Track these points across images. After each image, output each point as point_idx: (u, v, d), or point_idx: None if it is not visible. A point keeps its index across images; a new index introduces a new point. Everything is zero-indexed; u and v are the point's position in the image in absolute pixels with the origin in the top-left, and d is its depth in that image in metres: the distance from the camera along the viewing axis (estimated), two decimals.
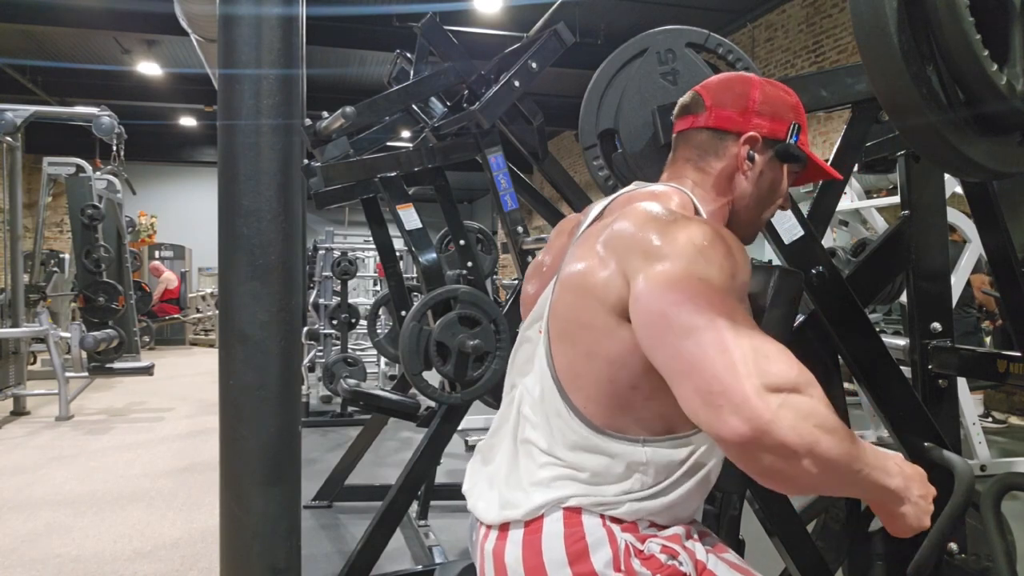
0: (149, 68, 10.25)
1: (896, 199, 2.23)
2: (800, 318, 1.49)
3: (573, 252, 1.05)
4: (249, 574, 1.47)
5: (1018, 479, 1.40)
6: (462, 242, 2.80)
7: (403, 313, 3.05)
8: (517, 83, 2.37)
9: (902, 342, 1.72)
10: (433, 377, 2.44)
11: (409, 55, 3.03)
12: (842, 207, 4.54)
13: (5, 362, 5.73)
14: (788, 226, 1.44)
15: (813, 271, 1.44)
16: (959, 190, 1.78)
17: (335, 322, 5.99)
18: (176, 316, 10.87)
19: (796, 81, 1.36)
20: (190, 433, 5.21)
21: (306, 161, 2.53)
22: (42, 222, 7.30)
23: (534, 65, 2.38)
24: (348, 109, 2.43)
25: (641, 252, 0.91)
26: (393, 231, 3.03)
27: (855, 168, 1.98)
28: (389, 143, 3.27)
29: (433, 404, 2.55)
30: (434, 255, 2.60)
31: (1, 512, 3.46)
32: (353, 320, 6.03)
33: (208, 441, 4.89)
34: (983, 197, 1.55)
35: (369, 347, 6.45)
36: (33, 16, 8.17)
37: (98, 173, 6.44)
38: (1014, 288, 1.53)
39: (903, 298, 3.12)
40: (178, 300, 10.89)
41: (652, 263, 0.89)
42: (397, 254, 3.50)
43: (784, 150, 1.09)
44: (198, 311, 12.01)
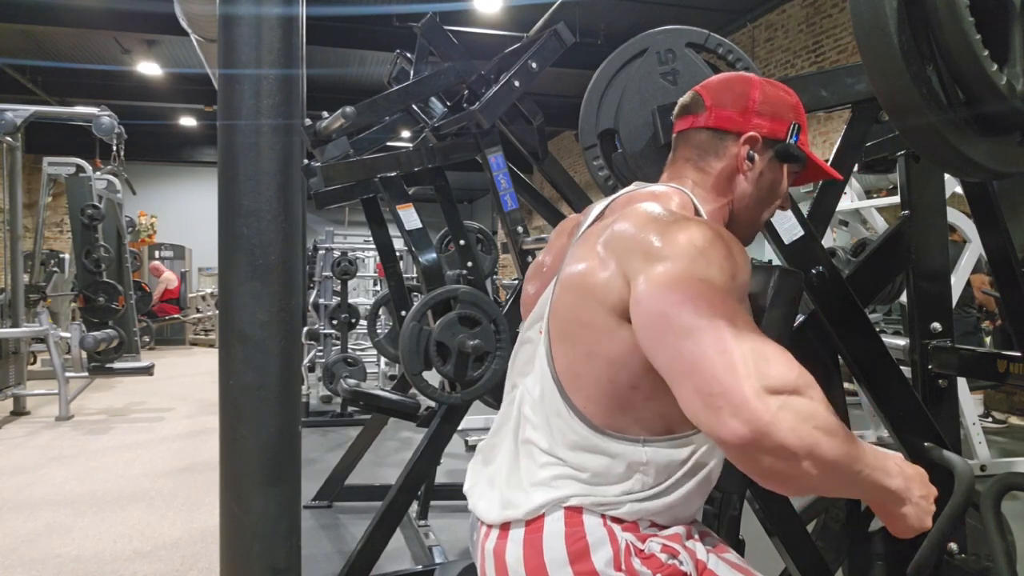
0: (149, 68, 10.26)
1: (896, 199, 2.23)
2: (800, 318, 1.49)
3: (573, 252, 1.05)
4: (249, 574, 1.47)
5: (1018, 479, 1.40)
6: (462, 242, 2.80)
7: (403, 313, 3.05)
8: (517, 83, 2.37)
9: (902, 342, 1.72)
10: (433, 377, 2.44)
11: (409, 55, 3.03)
12: (842, 207, 4.54)
13: (5, 362, 5.73)
14: (788, 226, 1.44)
15: (813, 271, 1.44)
16: (959, 190, 1.78)
17: (335, 322, 5.99)
18: (176, 316, 10.88)
19: (796, 81, 1.36)
20: (190, 433, 5.21)
21: (306, 161, 2.53)
22: (42, 222, 7.30)
23: (534, 65, 2.38)
24: (348, 109, 2.43)
25: (642, 253, 0.91)
26: (393, 231, 3.03)
27: (855, 168, 1.98)
28: (389, 143, 3.27)
29: (433, 404, 2.55)
30: (434, 255, 2.60)
31: (1, 512, 3.46)
32: (353, 320, 6.03)
33: (208, 441, 4.89)
34: (983, 197, 1.55)
35: (369, 347, 6.45)
36: (33, 16, 8.17)
37: (98, 173, 6.44)
38: (1014, 288, 1.53)
39: (903, 298, 3.12)
40: (178, 300, 10.89)
41: (653, 264, 0.89)
42: (397, 254, 3.50)
43: (784, 150, 1.09)
44: (198, 311, 12.01)
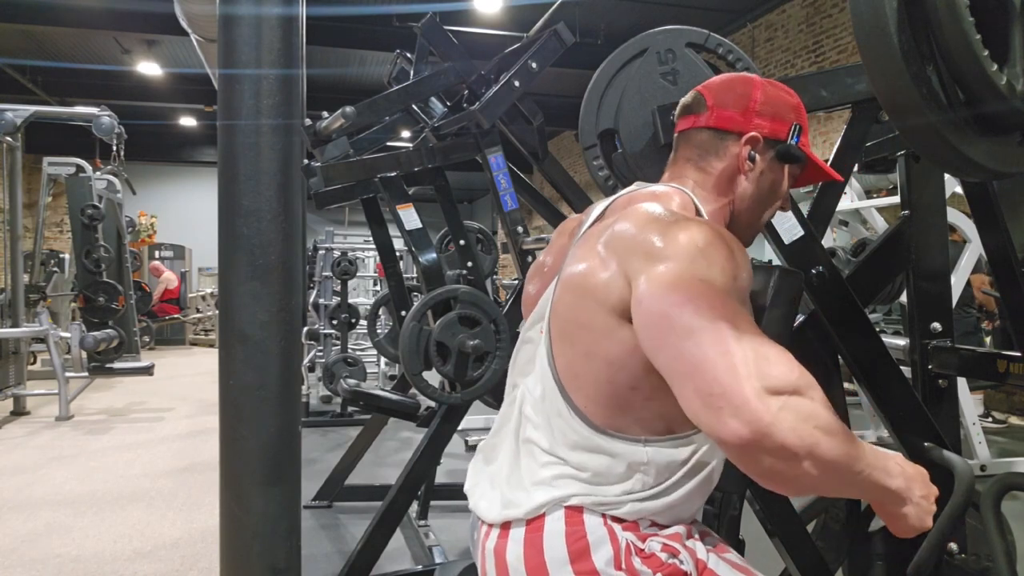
0: (149, 68, 10.25)
1: (896, 199, 2.23)
2: (800, 318, 1.49)
3: (574, 253, 1.05)
4: (249, 574, 1.47)
5: (1018, 479, 1.40)
6: (462, 242, 2.80)
7: (403, 313, 3.05)
8: (517, 83, 2.37)
9: (902, 342, 1.72)
10: (433, 377, 2.44)
11: (409, 55, 3.03)
12: (842, 207, 4.54)
13: (5, 362, 5.73)
14: (788, 226, 1.44)
15: (813, 271, 1.44)
16: (959, 190, 1.78)
17: (335, 322, 5.99)
18: (176, 316, 10.88)
19: (796, 81, 1.36)
20: (190, 433, 5.21)
21: (306, 161, 2.53)
22: (42, 222, 7.30)
23: (534, 65, 2.38)
24: (348, 109, 2.43)
25: (643, 253, 0.91)
26: (393, 231, 3.03)
27: (855, 168, 1.98)
28: (389, 143, 3.27)
29: (433, 404, 2.55)
30: (434, 255, 2.60)
31: (1, 512, 3.46)
32: (353, 320, 6.03)
33: (208, 441, 4.89)
34: (983, 197, 1.55)
35: (369, 347, 6.45)
36: (33, 16, 8.17)
37: (98, 173, 6.44)
38: (1014, 288, 1.53)
39: (903, 298, 3.12)
40: (178, 300, 10.89)
41: (654, 264, 0.89)
42: (397, 254, 3.50)
43: (785, 151, 1.09)
44: (198, 311, 12.01)
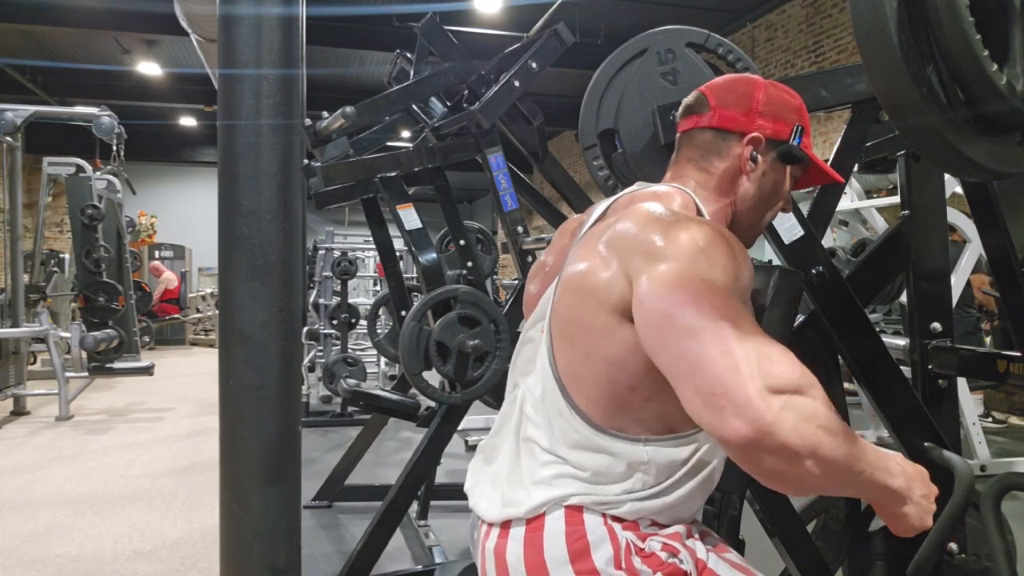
0: (149, 68, 10.25)
1: (896, 199, 2.23)
2: (800, 318, 1.49)
3: (575, 252, 1.05)
4: (249, 574, 1.47)
5: (1018, 479, 1.40)
6: (462, 242, 2.80)
7: (403, 313, 3.05)
8: (517, 83, 2.37)
9: (902, 342, 1.72)
10: (433, 377, 2.44)
11: (409, 55, 3.03)
12: (842, 207, 4.54)
13: (5, 362, 5.73)
14: (788, 226, 1.44)
15: (813, 271, 1.44)
16: (959, 190, 1.78)
17: (335, 322, 5.99)
18: (176, 316, 10.87)
19: (796, 81, 1.36)
20: (190, 433, 5.21)
21: (306, 161, 2.53)
22: (42, 222, 7.29)
23: (534, 65, 2.38)
24: (348, 109, 2.42)
25: (644, 253, 0.91)
26: (393, 231, 3.03)
27: (855, 168, 1.98)
28: (389, 143, 3.26)
29: (433, 404, 2.55)
30: (434, 255, 2.60)
31: (1, 512, 3.46)
32: (353, 320, 6.03)
33: (208, 441, 4.89)
34: (983, 197, 1.55)
35: (369, 347, 6.45)
36: (33, 16, 8.17)
37: (98, 173, 6.44)
38: (1014, 288, 1.53)
39: (903, 298, 3.12)
40: (178, 300, 10.89)
41: (655, 263, 0.89)
42: (397, 254, 3.49)
43: (787, 151, 1.09)
44: (198, 311, 12.01)
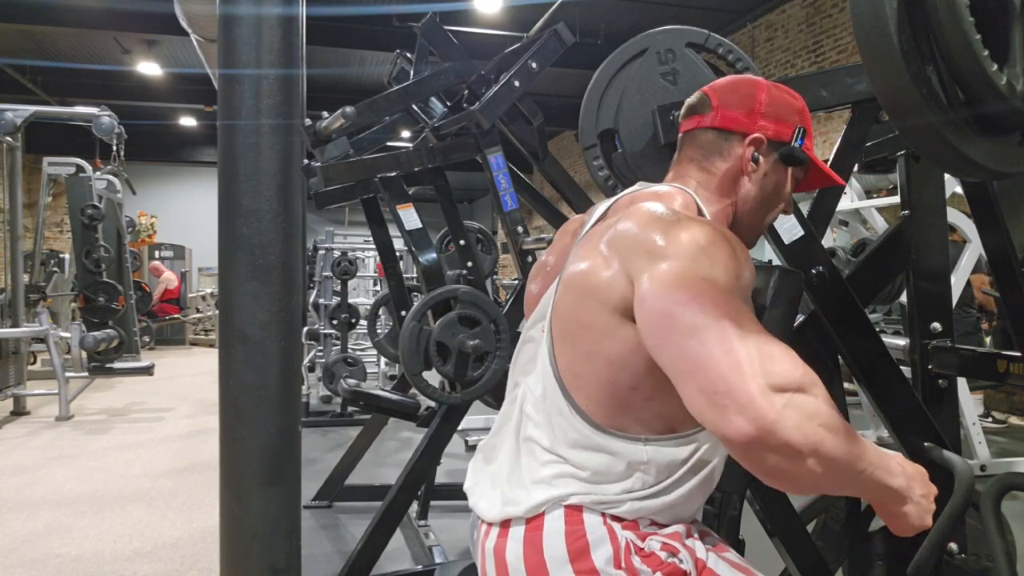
0: (149, 68, 10.25)
1: (896, 199, 2.23)
2: (800, 318, 1.49)
3: (576, 252, 1.05)
4: (249, 574, 1.47)
5: (1018, 479, 1.40)
6: (462, 242, 2.80)
7: (403, 313, 3.05)
8: (517, 83, 2.36)
9: (902, 342, 1.72)
10: (433, 377, 2.44)
11: (409, 55, 3.03)
12: (842, 207, 4.54)
13: (5, 362, 5.73)
14: (788, 226, 1.44)
15: (813, 271, 1.44)
16: (959, 190, 1.78)
17: (335, 322, 5.99)
18: (176, 316, 10.87)
19: (796, 81, 1.36)
20: (190, 433, 5.21)
21: (306, 161, 2.53)
22: (42, 222, 7.29)
23: (534, 65, 2.38)
24: (348, 109, 2.42)
25: (645, 252, 0.91)
26: (393, 231, 3.03)
27: (855, 168, 1.98)
28: (389, 143, 3.26)
29: (433, 404, 2.55)
30: (434, 255, 2.60)
31: (1, 512, 3.46)
32: (353, 320, 6.03)
33: (208, 441, 4.89)
34: (983, 197, 1.55)
35: (369, 347, 6.45)
36: (33, 16, 8.17)
37: (98, 173, 6.44)
38: (1014, 288, 1.53)
39: (903, 298, 3.12)
40: (178, 300, 10.89)
41: (656, 262, 0.89)
42: (397, 254, 3.49)
43: (788, 153, 1.09)
44: (198, 311, 12.01)
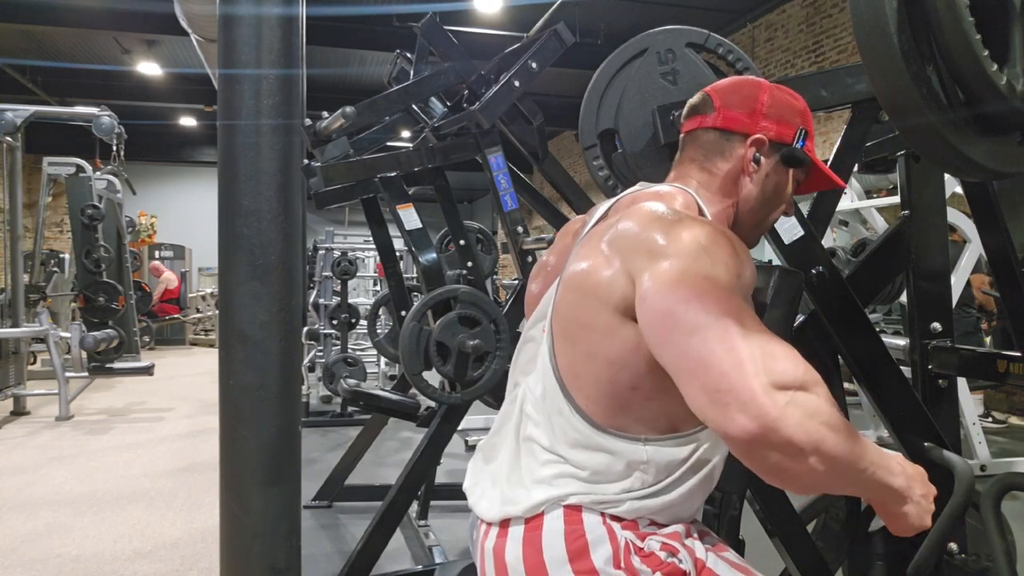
0: (149, 68, 10.25)
1: (896, 199, 2.23)
2: (800, 318, 1.49)
3: (577, 252, 1.05)
4: (249, 574, 1.47)
5: (1018, 479, 1.40)
6: (462, 242, 2.80)
7: (403, 313, 3.05)
8: (517, 83, 2.37)
9: (902, 342, 1.73)
10: (433, 377, 2.44)
11: (409, 55, 3.03)
12: (842, 207, 4.54)
13: (5, 362, 5.73)
14: (788, 226, 1.44)
15: (813, 271, 1.44)
16: (959, 190, 1.78)
17: (335, 322, 5.99)
18: (176, 316, 10.87)
19: (796, 81, 1.36)
20: (190, 433, 5.21)
21: (306, 161, 2.53)
22: (42, 222, 7.29)
23: (534, 65, 2.38)
24: (348, 109, 2.42)
25: (646, 251, 0.91)
26: (393, 231, 3.03)
27: (855, 168, 1.98)
28: (389, 143, 3.26)
29: (433, 404, 2.55)
30: (434, 255, 2.60)
31: (1, 512, 3.46)
32: (353, 320, 6.03)
33: (208, 441, 4.89)
34: (983, 197, 1.55)
35: (369, 347, 6.45)
36: (33, 16, 8.16)
37: (98, 173, 6.44)
38: (1014, 288, 1.53)
39: (903, 298, 3.12)
40: (178, 300, 10.89)
41: (658, 261, 0.89)
42: (397, 254, 3.49)
43: (790, 154, 1.09)
44: (198, 311, 12.01)
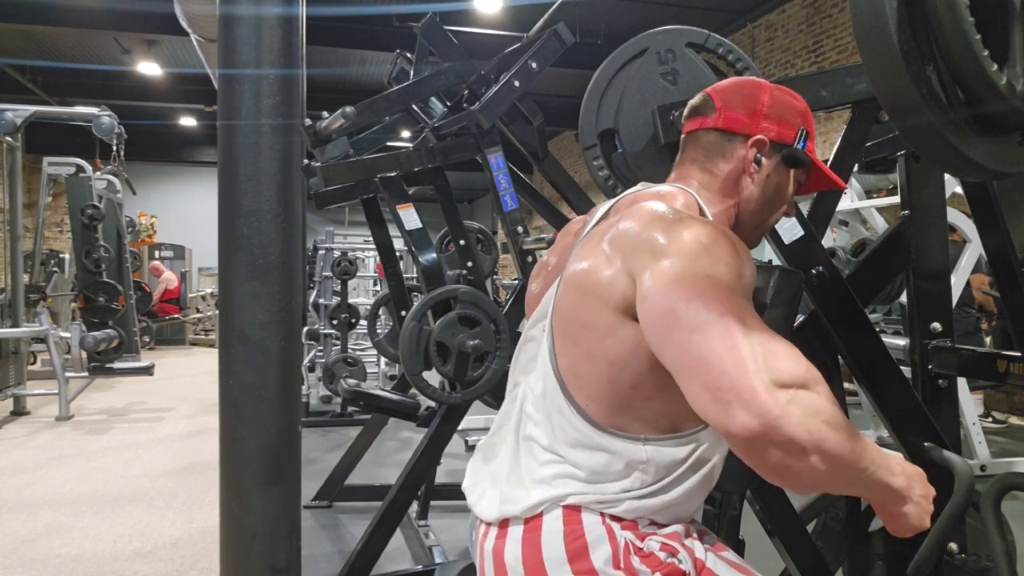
0: (149, 68, 10.25)
1: (896, 199, 2.23)
2: (800, 318, 1.49)
3: (577, 251, 1.05)
4: (249, 574, 1.47)
5: (1018, 479, 1.40)
6: (462, 242, 2.80)
7: (403, 313, 3.05)
8: (517, 83, 2.37)
9: (902, 342, 1.73)
10: (433, 377, 2.44)
11: (409, 55, 3.03)
12: (842, 207, 4.54)
13: (5, 362, 5.73)
14: (788, 226, 1.44)
15: (813, 271, 1.44)
16: (959, 190, 1.78)
17: (335, 322, 5.99)
18: (176, 316, 10.87)
19: (796, 81, 1.36)
20: (190, 433, 5.21)
21: (306, 161, 2.53)
22: (42, 222, 7.29)
23: (534, 65, 2.38)
24: (348, 109, 2.42)
25: (647, 250, 0.91)
26: (393, 231, 3.03)
27: (855, 168, 1.98)
28: (389, 143, 3.26)
29: (433, 404, 2.55)
30: (434, 255, 2.60)
31: (1, 512, 3.46)
32: (353, 320, 6.03)
33: (208, 441, 4.89)
34: (983, 197, 1.55)
35: (369, 347, 6.45)
36: (33, 16, 8.17)
37: (98, 173, 6.44)
38: (1014, 288, 1.53)
39: (903, 298, 3.12)
40: (178, 300, 10.89)
41: (658, 260, 0.89)
42: (397, 254, 3.49)
43: (791, 155, 1.09)
44: (198, 311, 12.01)
